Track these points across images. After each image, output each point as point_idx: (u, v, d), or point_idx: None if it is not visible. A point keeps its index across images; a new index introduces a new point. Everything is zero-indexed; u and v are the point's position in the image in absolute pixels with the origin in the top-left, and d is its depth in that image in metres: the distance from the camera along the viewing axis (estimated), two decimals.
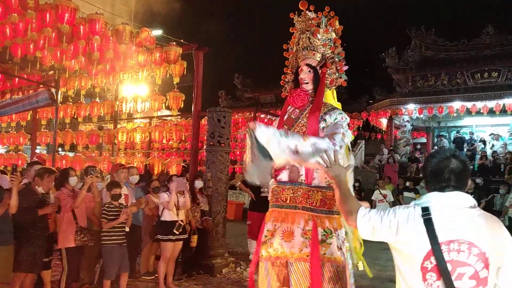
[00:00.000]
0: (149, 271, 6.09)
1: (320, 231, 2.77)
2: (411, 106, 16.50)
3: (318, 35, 3.04)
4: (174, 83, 7.59)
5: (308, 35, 3.06)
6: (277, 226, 2.84)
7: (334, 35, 3.13)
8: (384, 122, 18.33)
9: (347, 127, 2.94)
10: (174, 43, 7.13)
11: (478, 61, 15.70)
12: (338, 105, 3.20)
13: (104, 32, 6.16)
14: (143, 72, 7.97)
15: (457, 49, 16.64)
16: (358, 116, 18.72)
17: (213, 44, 9.23)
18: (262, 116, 13.25)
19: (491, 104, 14.88)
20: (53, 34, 6.09)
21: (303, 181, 2.85)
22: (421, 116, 16.64)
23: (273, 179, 3.01)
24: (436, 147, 17.62)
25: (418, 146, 16.96)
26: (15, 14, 5.54)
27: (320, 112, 2.91)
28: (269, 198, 3.04)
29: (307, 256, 2.71)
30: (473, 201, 1.71)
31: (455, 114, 15.75)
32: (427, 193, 1.78)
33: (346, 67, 3.15)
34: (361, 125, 19.29)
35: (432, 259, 1.59)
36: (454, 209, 1.67)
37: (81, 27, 5.96)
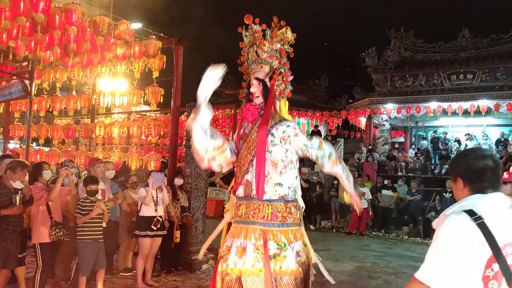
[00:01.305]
0: (127, 267, 6.00)
1: (274, 245, 2.75)
2: (389, 106, 16.77)
3: (263, 47, 3.01)
4: (153, 77, 7.47)
5: (255, 48, 3.03)
6: (232, 242, 2.85)
7: (279, 45, 3.08)
8: (363, 121, 18.57)
9: (299, 132, 2.98)
10: (154, 36, 7.02)
11: (454, 63, 16.08)
12: (289, 116, 3.20)
13: (81, 22, 6.01)
14: (121, 65, 7.82)
15: (434, 51, 16.99)
16: (337, 114, 18.91)
17: (194, 39, 9.12)
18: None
19: (466, 105, 15.26)
20: (27, 24, 5.90)
21: (254, 196, 2.84)
22: (399, 115, 16.93)
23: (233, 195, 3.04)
24: (414, 146, 18.00)
25: (396, 145, 17.24)
26: None
27: (268, 125, 2.90)
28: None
29: (260, 271, 2.70)
30: (510, 202, 1.65)
31: (431, 114, 16.08)
32: (468, 196, 1.66)
33: (291, 77, 3.10)
34: (340, 124, 19.51)
35: (494, 265, 1.50)
36: (500, 211, 1.60)
37: (57, 16, 5.79)
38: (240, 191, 2.94)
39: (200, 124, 2.76)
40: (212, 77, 2.74)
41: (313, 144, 2.89)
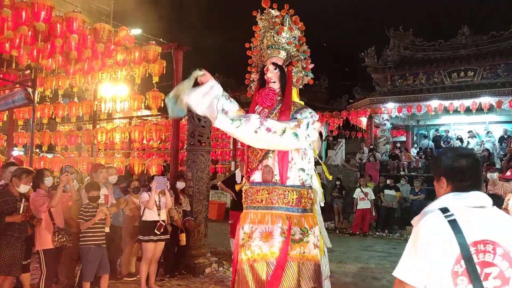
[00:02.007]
0: (131, 272, 6.03)
1: (298, 230, 2.79)
2: (390, 105, 16.77)
3: (283, 33, 3.02)
4: (153, 82, 7.54)
5: (272, 33, 3.02)
6: (254, 228, 2.84)
7: (298, 33, 3.11)
8: (364, 121, 18.57)
9: (313, 124, 2.94)
10: (154, 42, 7.08)
11: (454, 60, 16.07)
12: (301, 103, 3.20)
13: (81, 30, 6.06)
14: (122, 71, 7.89)
15: (434, 49, 16.98)
16: (338, 115, 18.90)
17: (194, 44, 9.18)
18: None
19: (468, 102, 15.24)
20: (29, 33, 5.98)
21: (277, 181, 2.85)
22: (400, 114, 16.92)
23: (245, 180, 3.04)
24: (416, 145, 17.99)
25: (398, 145, 17.22)
26: None
27: (291, 111, 2.91)
28: (242, 200, 3.03)
29: (298, 255, 2.74)
30: (491, 200, 1.66)
31: (433, 113, 16.07)
32: (445, 194, 1.69)
33: (312, 65, 3.13)
34: (341, 124, 19.49)
35: (462, 262, 1.52)
36: (475, 209, 1.61)
37: (58, 25, 5.86)
38: (257, 177, 2.91)
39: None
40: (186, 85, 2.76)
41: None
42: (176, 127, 7.31)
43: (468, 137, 15.87)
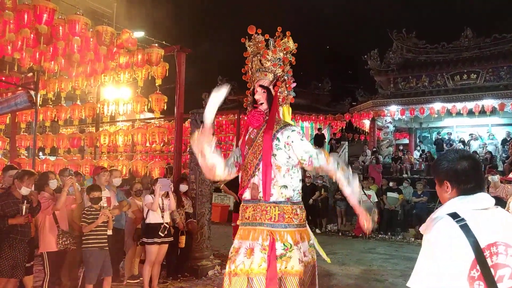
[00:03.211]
0: (133, 274, 6.02)
1: (280, 246, 2.84)
2: (393, 108, 16.75)
3: (267, 56, 3.15)
4: (156, 85, 7.53)
5: (259, 57, 3.17)
6: (241, 243, 2.96)
7: (282, 54, 3.22)
8: (367, 123, 18.55)
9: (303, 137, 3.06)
10: (156, 44, 7.08)
11: (457, 63, 16.05)
12: (292, 122, 3.35)
13: (84, 33, 6.07)
14: (124, 74, 7.88)
15: (437, 52, 16.97)
16: (341, 117, 18.89)
17: (196, 46, 9.19)
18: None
19: (471, 105, 15.20)
20: (32, 35, 5.99)
21: (261, 198, 2.94)
22: (403, 117, 16.90)
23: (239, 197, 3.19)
24: (418, 148, 17.93)
25: (401, 147, 17.19)
26: None
27: (273, 130, 3.02)
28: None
29: (265, 270, 2.79)
30: (493, 200, 1.66)
31: (436, 115, 16.03)
32: (450, 198, 1.66)
33: (294, 84, 3.25)
34: (344, 127, 19.48)
35: (478, 267, 1.51)
36: (483, 211, 1.61)
37: (60, 28, 5.86)
38: (247, 194, 3.05)
39: (209, 143, 2.88)
40: (218, 99, 2.84)
41: (319, 158, 2.95)
42: (179, 130, 7.31)
43: (470, 140, 15.82)
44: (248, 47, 3.27)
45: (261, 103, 3.11)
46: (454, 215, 1.57)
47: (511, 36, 15.66)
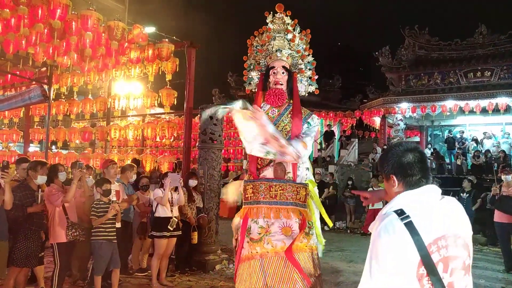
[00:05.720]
0: (142, 267, 6.10)
1: (308, 224, 2.98)
2: (404, 105, 16.59)
3: (296, 41, 3.23)
4: (166, 80, 7.59)
5: (285, 38, 3.22)
6: (270, 222, 2.94)
7: (305, 45, 3.32)
8: (377, 120, 18.41)
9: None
10: (167, 40, 7.13)
11: (471, 60, 15.82)
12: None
13: (96, 28, 6.14)
14: (135, 69, 7.96)
15: (450, 49, 16.74)
16: (351, 114, 18.77)
17: (206, 42, 9.23)
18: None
19: (484, 103, 14.99)
20: (45, 30, 6.07)
21: (290, 179, 3.00)
22: (415, 115, 16.74)
23: (248, 175, 3.15)
24: (430, 146, 17.76)
25: None
26: (7, 10, 5.51)
27: (303, 114, 3.12)
28: (248, 194, 3.09)
29: (306, 246, 2.91)
30: (440, 190, 1.62)
31: (448, 113, 15.84)
32: (397, 193, 1.62)
33: (316, 76, 3.37)
34: (354, 124, 19.35)
35: (423, 265, 1.48)
36: (431, 204, 1.57)
37: (73, 23, 5.95)
38: (269, 173, 3.04)
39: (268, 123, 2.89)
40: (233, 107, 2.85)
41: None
42: (189, 125, 7.36)
43: (484, 138, 15.60)
44: (270, 23, 3.28)
45: (281, 84, 3.16)
46: (400, 213, 1.53)
47: None
